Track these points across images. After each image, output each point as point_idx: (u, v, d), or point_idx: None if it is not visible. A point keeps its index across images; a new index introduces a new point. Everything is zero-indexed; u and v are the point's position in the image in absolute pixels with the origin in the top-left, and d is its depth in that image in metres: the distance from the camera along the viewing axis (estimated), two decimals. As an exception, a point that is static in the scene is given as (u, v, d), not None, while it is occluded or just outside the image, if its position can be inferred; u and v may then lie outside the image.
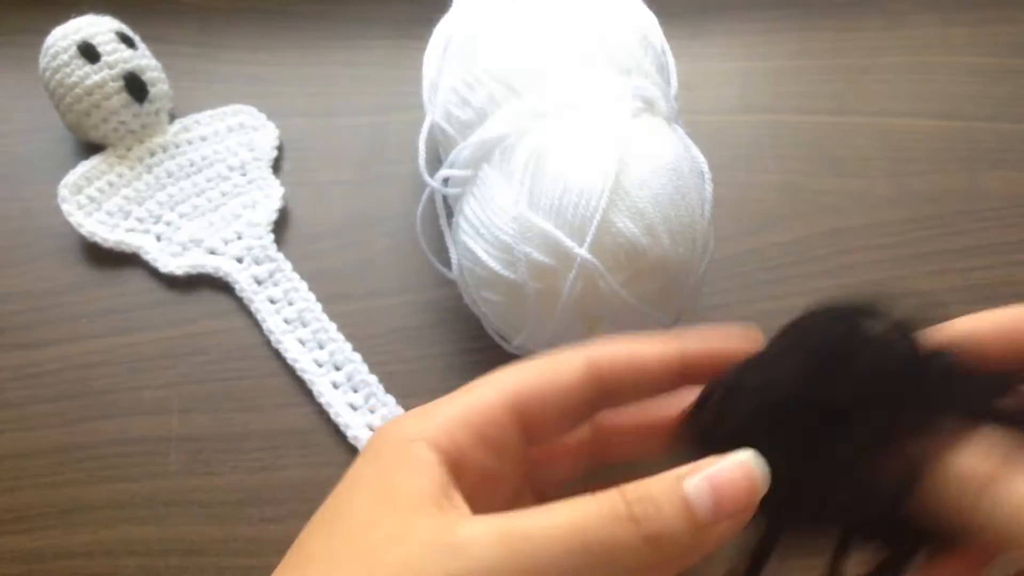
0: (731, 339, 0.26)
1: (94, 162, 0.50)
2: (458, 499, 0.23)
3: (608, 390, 0.26)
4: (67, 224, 0.48)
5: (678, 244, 0.39)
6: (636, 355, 0.26)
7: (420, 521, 0.22)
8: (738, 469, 0.23)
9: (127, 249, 0.49)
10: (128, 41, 0.50)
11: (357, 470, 0.25)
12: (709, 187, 0.42)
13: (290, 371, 0.46)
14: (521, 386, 0.25)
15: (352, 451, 0.44)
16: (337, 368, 0.46)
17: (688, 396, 0.27)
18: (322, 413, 0.45)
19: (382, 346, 0.46)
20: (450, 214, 0.43)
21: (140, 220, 0.49)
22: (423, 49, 0.47)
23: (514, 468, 0.26)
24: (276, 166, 0.52)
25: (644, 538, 0.21)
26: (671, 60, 0.46)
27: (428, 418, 0.25)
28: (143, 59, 0.50)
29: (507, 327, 0.42)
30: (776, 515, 0.25)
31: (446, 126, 0.43)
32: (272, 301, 0.47)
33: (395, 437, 0.24)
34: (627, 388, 0.26)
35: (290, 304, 0.47)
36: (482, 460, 0.25)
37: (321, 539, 0.23)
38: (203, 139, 0.52)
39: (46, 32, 0.49)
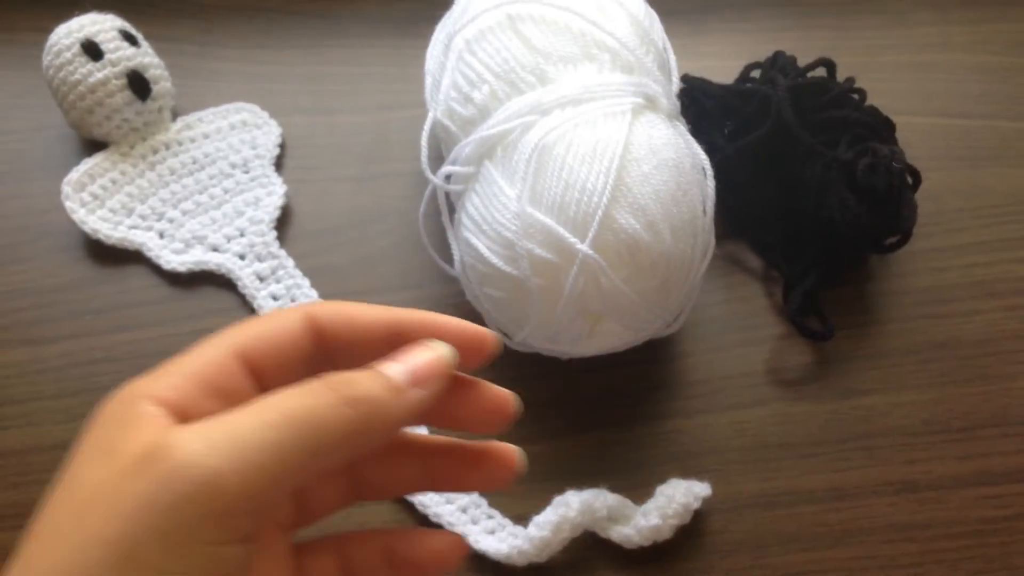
0: (447, 320, 0.27)
1: (97, 159, 0.50)
2: None
3: (327, 345, 0.27)
4: (70, 221, 0.49)
5: (679, 240, 0.39)
6: (352, 313, 0.27)
7: (135, 467, 0.22)
8: (422, 348, 0.26)
9: (130, 246, 0.49)
10: (131, 39, 0.50)
11: (84, 437, 0.24)
12: (710, 184, 0.42)
13: (293, 367, 0.46)
14: (245, 337, 0.26)
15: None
16: (340, 364, 0.46)
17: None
18: (325, 409, 0.45)
19: (384, 342, 0.47)
20: (452, 211, 0.44)
21: (143, 217, 0.50)
22: (425, 47, 0.47)
23: None
24: (278, 163, 0.52)
25: (344, 399, 0.23)
26: (673, 57, 0.46)
27: (155, 376, 0.25)
28: (146, 57, 0.51)
29: (509, 323, 0.42)
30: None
31: (448, 123, 0.43)
32: (275, 298, 0.48)
33: (120, 398, 0.24)
34: (344, 344, 0.27)
35: (292, 301, 0.47)
36: (211, 406, 0.24)
37: (47, 514, 0.23)
38: (206, 136, 0.52)
39: (49, 30, 0.50)
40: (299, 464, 0.22)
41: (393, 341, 0.27)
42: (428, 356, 0.25)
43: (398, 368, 0.25)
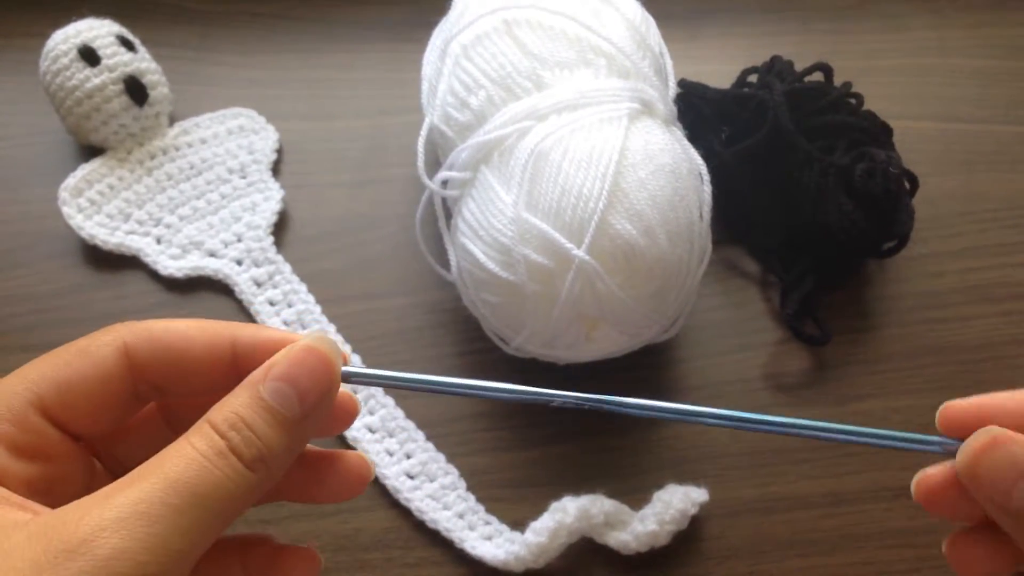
0: (288, 335, 0.25)
1: (94, 165, 0.50)
2: (28, 503, 0.22)
3: (152, 381, 0.25)
4: (67, 227, 0.49)
5: (676, 245, 0.39)
6: (180, 342, 0.25)
7: (8, 542, 0.20)
8: (304, 354, 0.23)
9: (127, 252, 0.49)
10: (128, 44, 0.50)
11: None
12: (707, 189, 0.42)
13: (290, 373, 0.46)
14: (45, 382, 0.24)
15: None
16: (336, 370, 0.46)
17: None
18: (321, 415, 0.45)
19: (381, 347, 0.47)
20: (449, 216, 0.44)
21: (140, 223, 0.50)
22: (421, 52, 0.47)
23: (70, 461, 0.25)
24: (275, 169, 0.52)
25: (249, 463, 0.22)
26: (669, 62, 0.46)
27: None
28: (143, 62, 0.51)
29: (506, 328, 0.42)
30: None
31: (445, 128, 0.43)
32: (272, 303, 0.47)
33: None
34: (173, 379, 0.25)
35: (289, 306, 0.47)
36: (22, 469, 0.23)
37: None
38: (203, 142, 0.52)
39: (46, 36, 0.50)
40: (212, 538, 0.22)
41: (231, 365, 0.25)
42: (311, 363, 0.23)
43: (286, 394, 0.22)
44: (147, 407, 0.27)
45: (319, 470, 0.27)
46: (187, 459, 0.21)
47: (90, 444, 0.26)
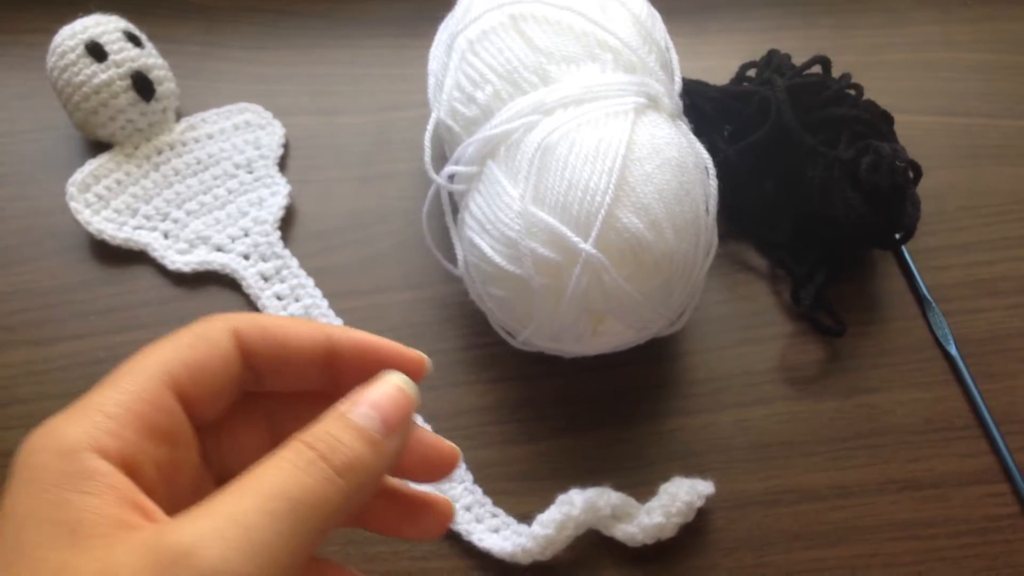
0: (383, 342, 0.27)
1: (101, 160, 0.50)
2: (149, 505, 0.22)
3: (256, 366, 0.25)
4: (75, 222, 0.49)
5: (682, 239, 0.39)
6: (283, 332, 0.26)
7: (113, 552, 0.20)
8: (390, 388, 0.24)
9: (135, 247, 0.49)
10: (135, 40, 0.51)
11: (18, 498, 0.21)
12: (713, 183, 0.42)
13: (297, 367, 0.46)
14: (176, 363, 0.24)
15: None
16: (344, 364, 0.46)
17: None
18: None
19: (388, 342, 0.47)
20: (456, 210, 0.44)
21: (147, 218, 0.50)
22: (428, 47, 0.47)
23: (189, 449, 0.25)
24: (282, 164, 0.53)
25: (337, 469, 0.22)
26: (675, 57, 0.46)
27: (87, 418, 0.22)
28: (150, 58, 0.51)
29: (513, 322, 0.42)
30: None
31: (451, 123, 0.43)
32: (279, 298, 0.48)
33: (53, 448, 0.21)
34: (274, 367, 0.26)
35: (296, 301, 0.48)
36: (156, 452, 0.23)
37: None
38: (210, 137, 0.53)
39: (53, 31, 0.50)
40: (309, 549, 0.22)
41: (325, 363, 0.26)
42: (395, 396, 0.24)
43: (371, 416, 0.24)
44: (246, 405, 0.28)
45: (411, 508, 0.28)
46: (281, 469, 0.22)
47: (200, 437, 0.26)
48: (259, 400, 0.27)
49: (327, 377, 0.27)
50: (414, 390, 0.25)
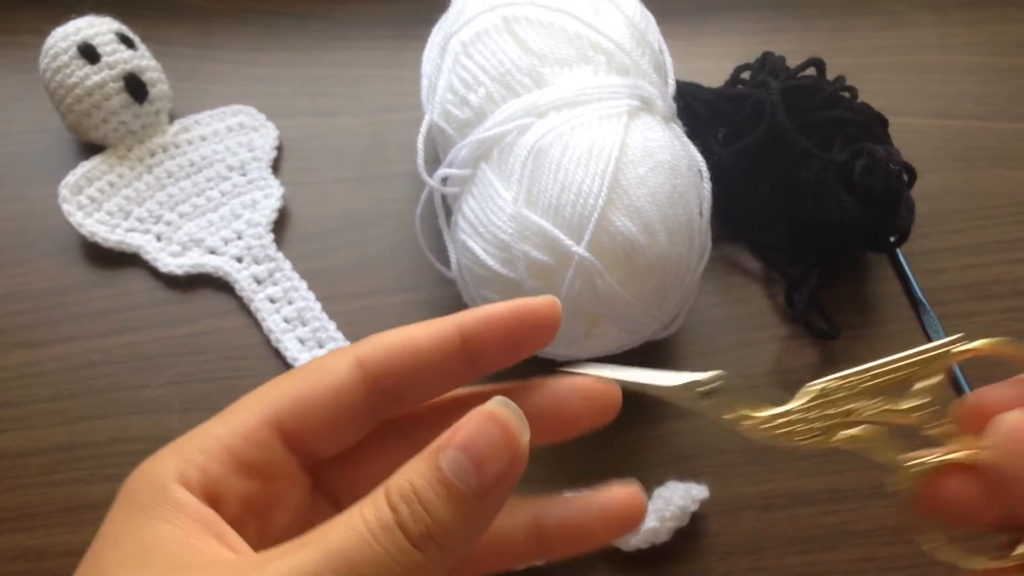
0: (508, 306, 0.25)
1: (94, 162, 0.50)
2: (232, 537, 0.22)
3: (387, 388, 0.24)
4: (68, 224, 0.49)
5: (675, 242, 0.39)
6: (408, 341, 0.24)
7: None
8: (485, 422, 0.21)
9: (127, 249, 0.49)
10: (128, 42, 0.50)
11: (112, 522, 0.22)
12: (707, 185, 0.42)
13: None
14: (284, 401, 0.24)
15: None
16: (337, 367, 0.46)
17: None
18: (322, 412, 0.45)
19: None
20: (449, 213, 0.44)
21: (140, 220, 0.50)
22: (421, 49, 0.47)
23: (291, 485, 0.24)
24: (276, 166, 0.52)
25: (416, 541, 0.20)
26: (669, 59, 0.46)
27: (182, 451, 0.23)
28: (143, 60, 0.51)
29: (506, 325, 0.42)
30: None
31: (444, 125, 0.43)
32: (272, 300, 0.48)
33: (147, 479, 0.22)
34: (408, 380, 0.24)
35: (290, 303, 0.47)
36: (243, 485, 0.23)
37: None
38: (203, 139, 0.52)
39: (46, 33, 0.50)
40: None
41: (463, 364, 0.24)
42: (492, 434, 0.21)
43: (466, 469, 0.20)
44: (383, 432, 0.26)
45: (592, 515, 0.26)
46: (352, 530, 0.20)
47: (322, 471, 0.26)
48: (399, 426, 0.26)
49: (468, 364, 0.25)
50: (516, 415, 0.21)
